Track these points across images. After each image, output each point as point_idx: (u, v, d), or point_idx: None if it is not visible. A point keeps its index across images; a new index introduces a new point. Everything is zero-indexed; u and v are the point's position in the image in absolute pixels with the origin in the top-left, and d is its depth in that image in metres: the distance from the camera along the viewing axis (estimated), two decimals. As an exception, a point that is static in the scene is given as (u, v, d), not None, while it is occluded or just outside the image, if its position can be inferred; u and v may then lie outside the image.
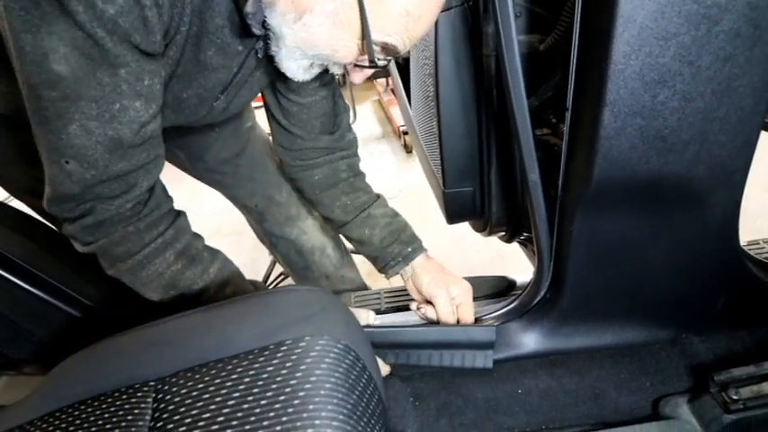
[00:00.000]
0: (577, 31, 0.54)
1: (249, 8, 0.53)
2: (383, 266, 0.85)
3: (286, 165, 0.89)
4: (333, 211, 0.87)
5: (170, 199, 0.65)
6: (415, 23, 0.55)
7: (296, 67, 0.60)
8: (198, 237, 0.68)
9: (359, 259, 1.16)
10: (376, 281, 1.26)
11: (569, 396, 0.76)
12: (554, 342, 0.80)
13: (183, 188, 1.25)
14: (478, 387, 0.77)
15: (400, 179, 2.39)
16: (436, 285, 0.80)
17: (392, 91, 2.73)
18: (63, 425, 0.45)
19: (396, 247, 0.84)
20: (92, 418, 0.44)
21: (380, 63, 0.59)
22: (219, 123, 0.90)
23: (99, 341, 0.51)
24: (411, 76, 1.07)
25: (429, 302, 0.82)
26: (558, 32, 0.69)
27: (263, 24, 0.55)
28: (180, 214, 0.65)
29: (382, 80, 3.01)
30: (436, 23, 0.76)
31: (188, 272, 0.63)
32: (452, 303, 0.80)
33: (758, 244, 1.06)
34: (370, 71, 0.61)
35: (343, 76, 0.66)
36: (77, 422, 0.45)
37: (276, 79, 0.74)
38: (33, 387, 0.50)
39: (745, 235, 0.83)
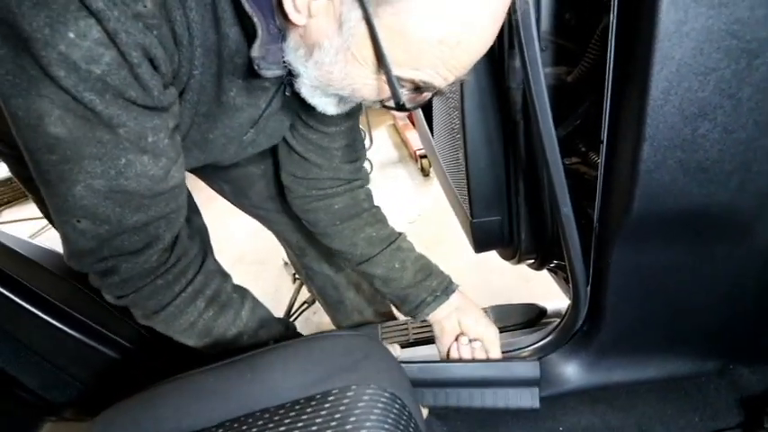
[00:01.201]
0: (611, 67, 0.54)
1: (255, 52, 0.48)
2: (418, 304, 0.77)
3: (297, 195, 0.81)
4: (356, 244, 0.80)
5: (194, 242, 0.61)
6: (453, 52, 0.45)
7: (324, 103, 0.55)
8: (226, 277, 0.65)
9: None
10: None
11: (614, 434, 0.73)
12: (594, 376, 0.78)
13: (211, 212, 1.27)
14: (518, 425, 0.75)
15: (418, 203, 2.39)
16: (485, 324, 0.76)
17: (408, 116, 2.76)
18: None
19: (433, 279, 0.77)
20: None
21: (409, 105, 0.50)
22: (264, 161, 0.88)
23: (143, 388, 0.51)
24: (434, 108, 1.08)
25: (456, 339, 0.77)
26: (585, 64, 0.69)
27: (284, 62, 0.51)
28: (205, 255, 0.62)
29: (398, 107, 3.04)
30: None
31: (220, 319, 0.61)
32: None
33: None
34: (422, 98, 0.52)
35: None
36: (125, 475, 0.45)
37: (303, 108, 0.68)
38: (76, 434, 0.50)
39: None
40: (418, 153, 2.54)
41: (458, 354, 0.77)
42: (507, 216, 0.95)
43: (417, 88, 0.50)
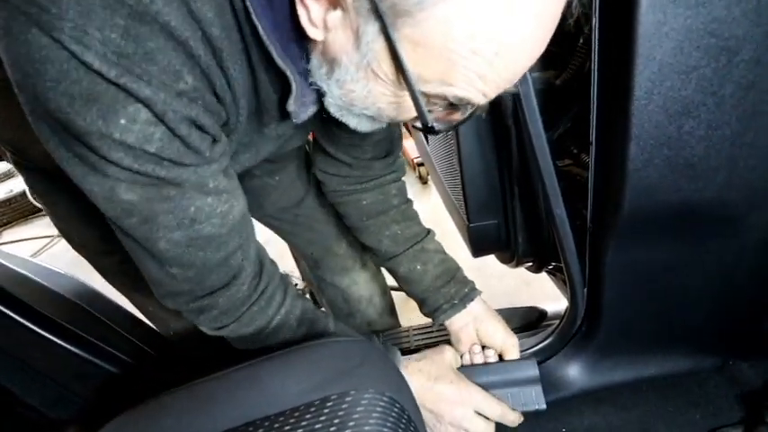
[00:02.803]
0: (595, 69, 0.55)
1: (291, 107, 0.49)
2: (435, 309, 0.77)
3: (329, 189, 0.82)
4: (381, 241, 0.80)
5: (276, 267, 0.63)
6: (492, 65, 0.39)
7: (356, 123, 0.53)
8: (305, 298, 0.67)
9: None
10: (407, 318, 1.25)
11: (617, 433, 0.73)
12: (595, 377, 0.78)
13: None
14: (521, 428, 0.74)
15: (417, 210, 2.40)
16: (503, 334, 0.75)
17: (404, 124, 2.78)
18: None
19: (452, 286, 0.76)
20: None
21: (440, 126, 0.45)
22: (279, 172, 0.89)
23: (144, 400, 0.51)
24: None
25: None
26: (572, 67, 0.71)
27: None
28: (287, 279, 0.64)
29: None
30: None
31: (313, 334, 0.62)
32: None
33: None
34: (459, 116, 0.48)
35: None
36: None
37: None
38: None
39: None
40: (416, 161, 2.56)
41: (470, 361, 0.76)
42: (503, 220, 0.95)
43: (452, 105, 0.44)
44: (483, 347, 0.77)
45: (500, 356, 0.77)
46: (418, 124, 0.44)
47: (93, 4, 0.35)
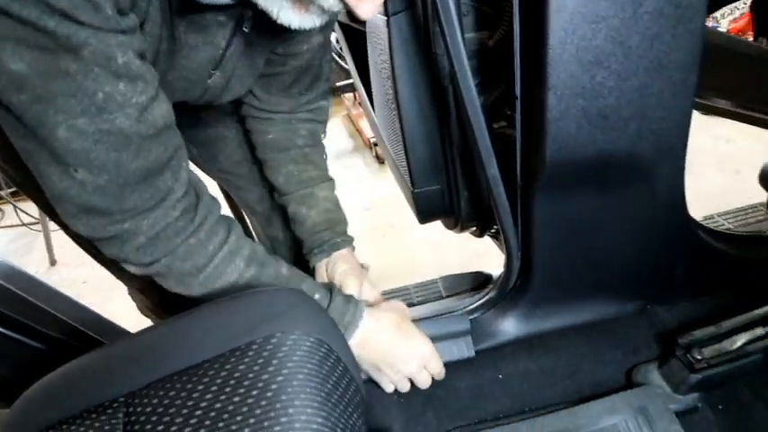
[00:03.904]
0: (517, 21, 0.57)
1: None
2: (308, 252, 0.82)
3: (243, 113, 0.82)
4: (277, 178, 0.82)
5: (217, 202, 0.59)
6: None
7: (291, 15, 0.49)
8: (254, 241, 0.63)
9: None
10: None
11: (548, 376, 0.78)
12: (530, 326, 0.82)
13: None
14: (461, 377, 0.78)
15: (374, 190, 2.42)
16: (353, 275, 0.76)
17: (360, 104, 2.77)
18: (31, 451, 0.43)
19: (326, 234, 0.80)
20: (62, 441, 0.43)
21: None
22: (237, 123, 0.87)
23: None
24: (372, 82, 1.09)
25: None
26: (504, 27, 0.72)
27: None
28: (231, 218, 0.61)
29: (350, 94, 3.06)
30: (388, 27, 0.79)
31: (263, 277, 0.59)
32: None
33: (713, 218, 1.12)
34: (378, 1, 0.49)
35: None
36: (46, 446, 0.44)
37: (271, 45, 0.68)
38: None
39: (701, 214, 0.87)
40: (372, 141, 2.56)
41: None
42: (447, 185, 0.97)
43: None
44: None
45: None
46: (336, 8, 0.45)
47: None
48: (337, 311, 0.62)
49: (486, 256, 1.83)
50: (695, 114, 0.62)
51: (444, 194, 0.99)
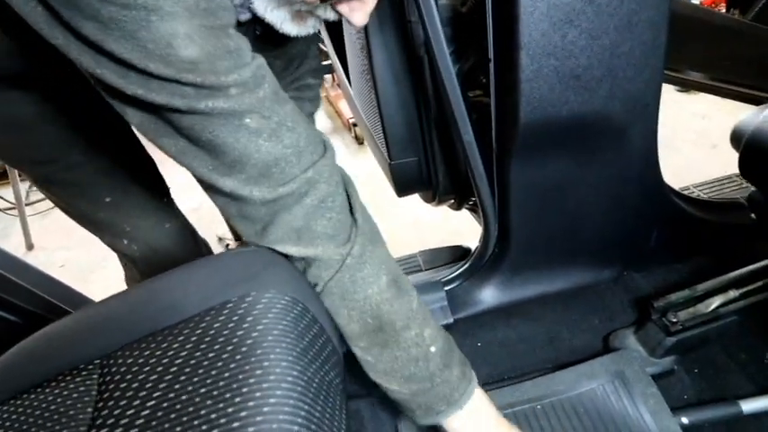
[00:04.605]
0: (489, -19, 0.56)
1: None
2: None
3: None
4: None
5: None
6: None
7: (280, 19, 0.53)
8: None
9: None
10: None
11: (526, 343, 0.79)
12: (508, 294, 0.83)
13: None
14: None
15: (354, 170, 2.41)
16: None
17: (338, 85, 2.73)
18: (4, 416, 0.42)
19: None
20: (35, 404, 0.42)
21: None
22: None
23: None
24: (347, 55, 1.08)
25: None
26: (477, -7, 0.72)
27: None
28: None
29: (328, 76, 3.01)
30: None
31: (396, 304, 0.52)
32: None
33: (688, 189, 1.15)
34: (370, 5, 0.50)
35: None
36: (20, 411, 0.43)
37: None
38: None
39: (676, 185, 0.89)
40: (351, 122, 2.54)
41: None
42: (424, 156, 0.97)
43: None
44: None
45: None
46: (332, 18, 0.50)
47: None
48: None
49: (466, 234, 1.86)
50: (672, 92, 0.64)
51: (421, 166, 0.99)
